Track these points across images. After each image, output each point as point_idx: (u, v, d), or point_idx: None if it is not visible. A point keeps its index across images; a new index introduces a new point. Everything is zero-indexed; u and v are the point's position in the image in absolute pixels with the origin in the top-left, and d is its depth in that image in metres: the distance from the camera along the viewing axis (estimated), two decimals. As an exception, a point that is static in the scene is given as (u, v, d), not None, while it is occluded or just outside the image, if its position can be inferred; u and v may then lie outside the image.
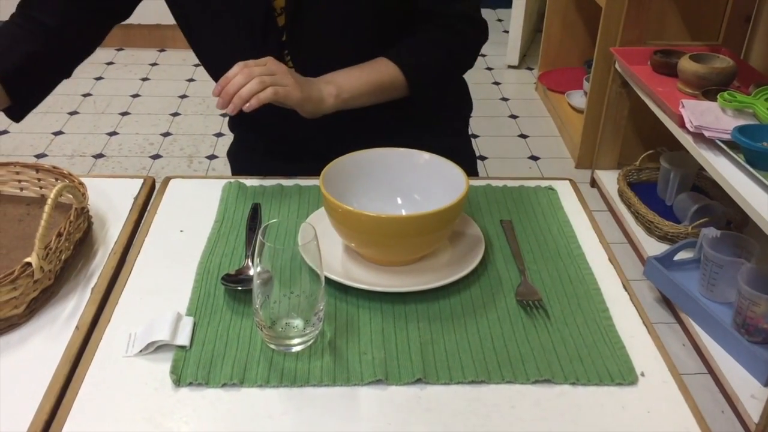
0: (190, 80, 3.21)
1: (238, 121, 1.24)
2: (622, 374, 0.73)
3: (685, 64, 1.97)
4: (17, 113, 1.03)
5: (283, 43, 1.04)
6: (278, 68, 0.95)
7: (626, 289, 0.86)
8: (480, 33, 1.12)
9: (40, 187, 0.97)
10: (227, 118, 1.29)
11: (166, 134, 2.79)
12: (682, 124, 1.80)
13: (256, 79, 0.92)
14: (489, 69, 3.39)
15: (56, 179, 0.95)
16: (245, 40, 1.04)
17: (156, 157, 2.64)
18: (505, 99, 3.11)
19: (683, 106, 1.81)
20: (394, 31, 1.06)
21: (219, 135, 2.79)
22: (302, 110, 0.97)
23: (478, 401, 0.70)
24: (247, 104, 0.91)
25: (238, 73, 0.92)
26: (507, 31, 3.48)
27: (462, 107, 1.26)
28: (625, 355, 0.75)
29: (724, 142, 1.69)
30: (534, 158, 2.70)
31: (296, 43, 1.04)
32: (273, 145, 1.18)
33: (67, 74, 1.08)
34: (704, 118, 1.75)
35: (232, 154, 1.28)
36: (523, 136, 2.85)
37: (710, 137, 1.71)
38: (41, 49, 1.00)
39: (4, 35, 1.01)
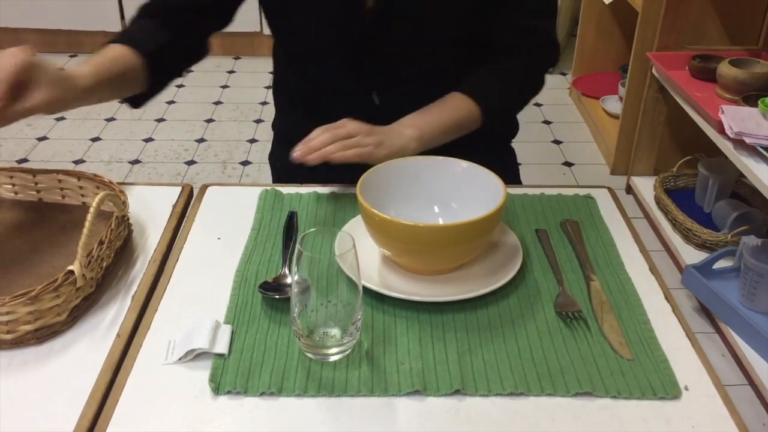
0: (225, 87, 3.24)
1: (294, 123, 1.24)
2: (665, 388, 0.72)
3: (725, 69, 1.94)
4: (140, 100, 1.06)
5: (365, 39, 1.05)
6: (358, 128, 0.97)
7: (668, 300, 0.84)
8: (553, 54, 1.11)
9: (82, 195, 0.99)
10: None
11: (201, 140, 2.82)
12: (721, 130, 1.76)
13: (339, 143, 0.94)
14: (522, 74, 3.37)
15: (97, 187, 0.96)
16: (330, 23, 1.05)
17: (191, 163, 2.67)
18: (538, 104, 3.09)
19: (723, 112, 1.78)
20: (470, 44, 1.08)
21: (252, 141, 2.81)
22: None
23: (517, 413, 0.69)
24: (330, 159, 0.93)
25: (320, 135, 0.95)
26: (540, 36, 3.45)
27: (513, 129, 1.29)
28: (668, 369, 0.74)
29: (766, 148, 1.65)
30: (568, 164, 2.67)
31: (378, 43, 1.05)
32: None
33: (180, 74, 1.11)
34: (745, 124, 1.72)
35: (275, 158, 1.29)
36: (556, 141, 2.82)
37: (751, 143, 1.68)
38: (169, 42, 1.04)
39: (141, 26, 1.05)
